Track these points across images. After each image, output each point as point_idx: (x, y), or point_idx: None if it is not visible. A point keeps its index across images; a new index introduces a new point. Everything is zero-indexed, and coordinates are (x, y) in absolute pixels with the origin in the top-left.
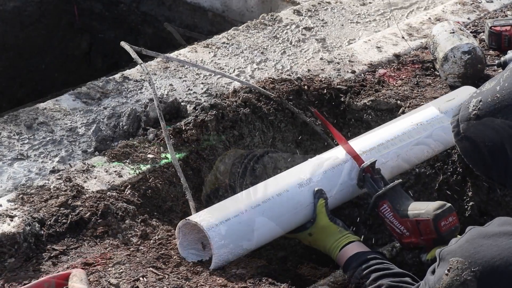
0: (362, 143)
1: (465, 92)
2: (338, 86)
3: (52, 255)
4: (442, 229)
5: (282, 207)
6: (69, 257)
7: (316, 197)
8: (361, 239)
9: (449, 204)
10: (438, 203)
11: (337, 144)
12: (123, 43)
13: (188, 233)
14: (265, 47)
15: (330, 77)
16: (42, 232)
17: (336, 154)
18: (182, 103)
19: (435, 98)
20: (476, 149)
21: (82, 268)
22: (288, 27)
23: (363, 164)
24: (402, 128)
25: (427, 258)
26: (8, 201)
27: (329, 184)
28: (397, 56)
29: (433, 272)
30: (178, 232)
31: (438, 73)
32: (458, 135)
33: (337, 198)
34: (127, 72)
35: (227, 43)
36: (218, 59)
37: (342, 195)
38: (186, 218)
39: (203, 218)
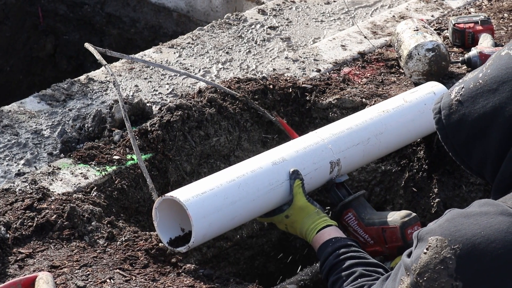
0: (332, 128)
1: (428, 85)
2: (304, 85)
3: (18, 258)
4: (409, 237)
5: (257, 182)
6: (35, 260)
7: (292, 178)
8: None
9: (415, 214)
10: (404, 212)
11: None
12: (87, 45)
13: (165, 214)
14: (230, 47)
15: (295, 76)
16: (8, 236)
17: (307, 137)
18: (148, 104)
19: None
20: (456, 136)
21: (48, 271)
22: (253, 26)
23: (335, 179)
24: (370, 115)
25: (391, 265)
26: None
27: (302, 163)
28: (362, 54)
29: (409, 255)
30: (155, 213)
31: (402, 71)
32: (439, 122)
33: (312, 178)
34: (92, 74)
35: (192, 43)
36: (183, 59)
37: (316, 175)
38: (162, 195)
39: (179, 193)
